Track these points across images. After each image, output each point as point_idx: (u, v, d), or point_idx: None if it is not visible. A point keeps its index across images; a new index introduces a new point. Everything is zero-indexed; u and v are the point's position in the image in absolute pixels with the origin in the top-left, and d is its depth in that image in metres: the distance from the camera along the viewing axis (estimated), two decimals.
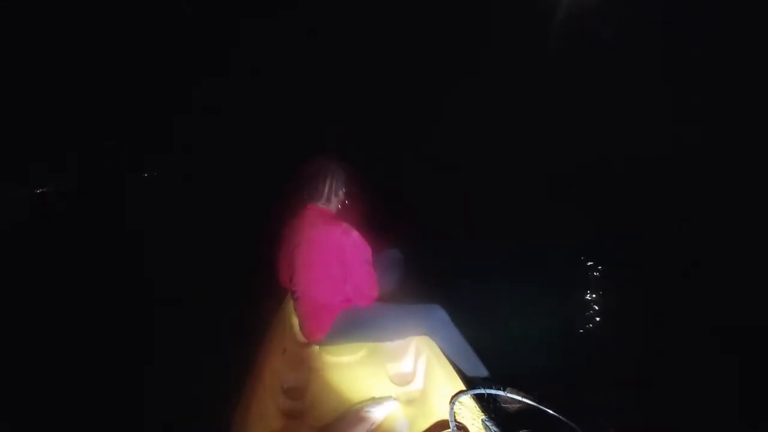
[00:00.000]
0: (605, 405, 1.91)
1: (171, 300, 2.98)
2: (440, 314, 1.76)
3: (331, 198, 1.86)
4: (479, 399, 1.61)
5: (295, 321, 1.88)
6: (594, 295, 2.92)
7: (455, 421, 1.36)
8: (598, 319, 2.67)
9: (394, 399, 1.54)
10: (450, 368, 1.68)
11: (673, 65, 4.31)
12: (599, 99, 4.43)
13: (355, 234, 1.71)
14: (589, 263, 3.29)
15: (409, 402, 1.58)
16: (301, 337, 1.83)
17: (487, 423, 1.40)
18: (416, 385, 1.64)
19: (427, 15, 4.67)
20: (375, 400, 1.53)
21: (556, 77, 4.61)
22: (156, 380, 2.19)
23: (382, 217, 1.94)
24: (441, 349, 1.74)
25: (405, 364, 1.71)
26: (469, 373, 1.79)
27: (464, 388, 1.61)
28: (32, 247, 3.97)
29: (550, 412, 1.55)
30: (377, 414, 1.47)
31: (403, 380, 1.65)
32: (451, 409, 1.41)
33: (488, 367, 1.84)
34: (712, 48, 4.05)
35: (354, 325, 1.72)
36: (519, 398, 1.61)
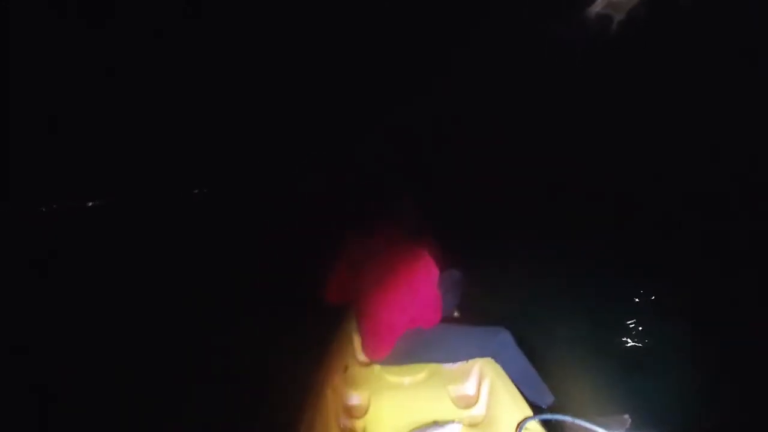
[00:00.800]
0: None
1: (232, 319, 3.07)
2: (505, 336, 1.72)
3: (403, 218, 1.88)
4: (546, 425, 1.56)
5: (357, 339, 1.90)
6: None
7: None
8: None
9: (457, 422, 1.51)
10: (515, 392, 1.64)
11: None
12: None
13: (426, 256, 1.72)
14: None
15: (473, 426, 1.54)
16: (362, 356, 1.85)
17: None
18: (480, 409, 1.59)
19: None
20: (437, 423, 1.52)
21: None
22: (220, 400, 2.27)
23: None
24: (506, 373, 1.71)
25: (468, 387, 1.68)
26: (534, 399, 1.74)
27: (530, 412, 1.57)
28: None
29: None
30: None
31: (466, 403, 1.62)
32: None
33: (553, 392, 1.79)
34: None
35: (417, 345, 1.72)
36: (587, 425, 1.55)
